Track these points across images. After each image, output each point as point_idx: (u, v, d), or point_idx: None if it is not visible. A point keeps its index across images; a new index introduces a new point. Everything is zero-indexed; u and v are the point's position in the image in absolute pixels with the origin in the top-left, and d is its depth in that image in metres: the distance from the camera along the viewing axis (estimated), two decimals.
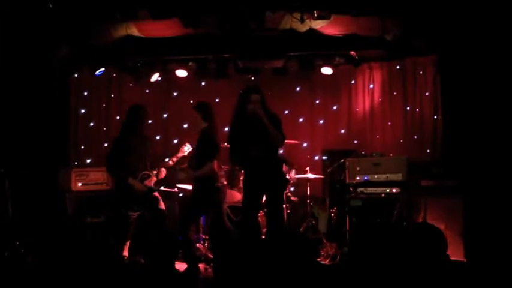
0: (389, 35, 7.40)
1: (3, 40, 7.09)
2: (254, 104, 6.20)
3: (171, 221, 7.16)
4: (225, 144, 7.52)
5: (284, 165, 7.05)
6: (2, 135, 7.30)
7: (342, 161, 7.88)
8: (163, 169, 7.01)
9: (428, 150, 8.41)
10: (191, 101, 9.38)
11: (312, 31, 7.42)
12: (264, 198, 6.49)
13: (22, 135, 7.65)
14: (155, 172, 6.95)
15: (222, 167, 7.81)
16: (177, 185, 7.98)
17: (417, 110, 8.61)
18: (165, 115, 9.49)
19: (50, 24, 7.03)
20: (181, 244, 6.63)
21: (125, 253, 6.87)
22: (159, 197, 7.00)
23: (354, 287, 3.86)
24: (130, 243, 6.97)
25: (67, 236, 7.29)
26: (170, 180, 7.71)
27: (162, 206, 6.97)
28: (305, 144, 9.31)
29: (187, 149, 7.19)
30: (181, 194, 8.42)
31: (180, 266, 6.93)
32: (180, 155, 7.16)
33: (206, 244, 7.44)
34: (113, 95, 9.27)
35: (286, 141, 7.66)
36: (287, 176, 7.74)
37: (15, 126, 7.56)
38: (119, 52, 8.30)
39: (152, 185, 6.90)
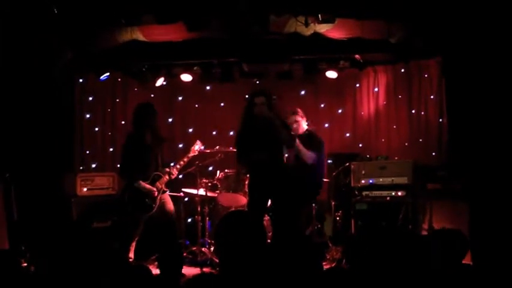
0: (394, 38, 7.39)
1: (8, 44, 7.10)
2: (259, 107, 6.23)
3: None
4: (230, 148, 7.59)
5: None
6: (6, 140, 7.31)
7: (347, 164, 7.88)
8: (175, 170, 7.01)
9: (433, 154, 8.40)
10: (196, 105, 9.44)
11: (316, 35, 7.41)
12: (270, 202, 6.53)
13: (27, 140, 7.65)
14: (167, 170, 6.97)
15: (227, 171, 7.83)
16: (183, 189, 7.98)
17: (422, 113, 8.60)
18: (170, 119, 9.50)
19: (55, 28, 7.05)
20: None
21: (131, 254, 6.90)
22: (168, 199, 7.01)
23: None
24: (137, 247, 7.01)
25: (73, 241, 7.30)
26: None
27: (171, 207, 6.98)
28: None
29: (197, 147, 7.20)
30: (186, 199, 8.42)
31: (188, 270, 6.96)
32: (191, 154, 7.18)
33: (212, 248, 7.45)
34: (118, 100, 9.28)
35: None
36: None
37: (20, 131, 7.57)
38: (123, 57, 8.31)
39: (163, 186, 6.90)
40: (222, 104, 9.46)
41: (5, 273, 4.37)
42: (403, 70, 8.84)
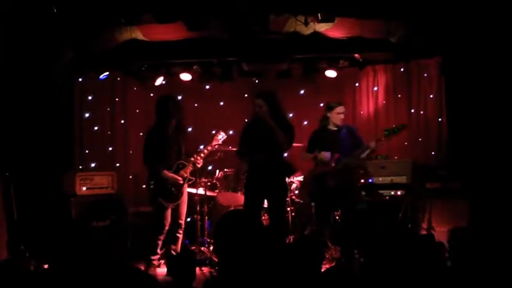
0: (393, 38, 7.40)
1: (8, 43, 7.10)
2: (258, 108, 6.27)
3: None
4: (230, 147, 7.59)
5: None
6: (6, 139, 7.31)
7: None
8: (200, 158, 7.00)
9: (433, 153, 8.40)
10: (196, 105, 9.43)
11: (316, 34, 7.42)
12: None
13: (27, 139, 7.65)
14: (192, 159, 6.95)
15: (226, 170, 7.84)
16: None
17: (421, 112, 8.60)
18: None
19: (54, 28, 7.04)
20: None
21: (159, 250, 6.93)
22: (185, 191, 7.01)
23: None
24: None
25: (72, 240, 7.29)
26: None
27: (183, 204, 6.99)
28: None
29: (221, 137, 7.17)
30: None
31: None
32: (214, 143, 7.16)
33: (211, 248, 7.45)
34: (117, 99, 9.26)
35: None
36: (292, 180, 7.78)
37: (20, 130, 7.56)
38: (123, 56, 8.31)
39: (188, 174, 6.92)
40: (221, 103, 9.45)
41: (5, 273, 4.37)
42: (402, 69, 8.84)
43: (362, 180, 7.42)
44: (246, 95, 9.12)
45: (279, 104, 6.46)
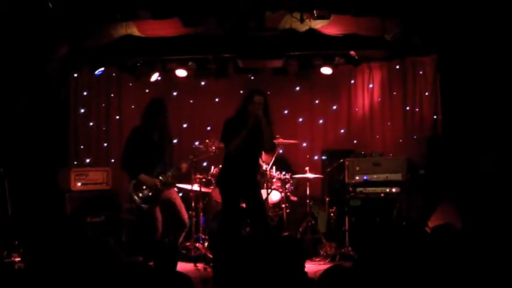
0: (389, 35, 7.40)
1: (3, 38, 7.08)
2: (256, 106, 6.12)
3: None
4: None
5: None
6: (0, 135, 7.29)
7: (342, 160, 7.89)
8: (184, 164, 6.84)
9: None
10: (191, 101, 9.44)
11: (311, 31, 7.42)
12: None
13: (21, 135, 7.63)
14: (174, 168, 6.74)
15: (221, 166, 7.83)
16: (177, 185, 7.96)
17: (417, 110, 8.60)
18: None
19: (50, 23, 7.03)
20: None
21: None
22: (173, 196, 6.81)
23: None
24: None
25: (67, 235, 7.28)
26: None
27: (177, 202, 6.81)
28: (305, 144, 9.32)
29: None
30: (180, 194, 8.42)
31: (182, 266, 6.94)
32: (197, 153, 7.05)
33: (206, 244, 7.45)
34: (112, 95, 9.24)
35: (285, 140, 7.72)
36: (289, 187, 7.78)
37: (15, 126, 7.55)
38: (118, 52, 8.29)
39: (169, 178, 6.68)
40: (216, 100, 9.46)
41: None
42: (398, 67, 8.84)
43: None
44: (241, 92, 9.10)
45: (268, 103, 6.33)
